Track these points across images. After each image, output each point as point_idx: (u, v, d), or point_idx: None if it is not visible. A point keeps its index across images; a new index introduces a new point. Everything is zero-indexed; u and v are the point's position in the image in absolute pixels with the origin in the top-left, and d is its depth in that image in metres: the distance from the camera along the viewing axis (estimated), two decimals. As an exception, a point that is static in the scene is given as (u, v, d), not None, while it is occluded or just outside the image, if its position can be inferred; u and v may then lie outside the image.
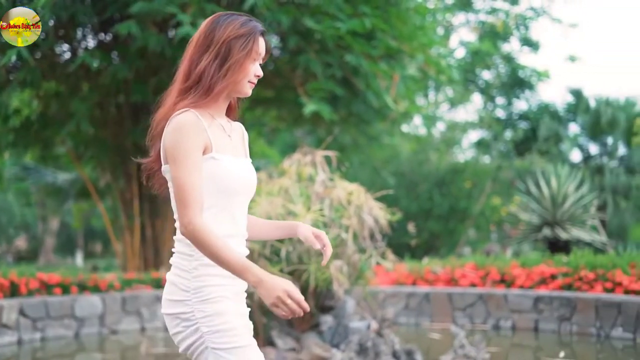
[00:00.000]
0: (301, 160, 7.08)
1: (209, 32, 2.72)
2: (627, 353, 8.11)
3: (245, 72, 2.73)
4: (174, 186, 2.59)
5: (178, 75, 2.77)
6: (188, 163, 2.58)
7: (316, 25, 10.78)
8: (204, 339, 2.61)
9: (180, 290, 2.65)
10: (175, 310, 2.66)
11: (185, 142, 2.58)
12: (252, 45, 2.72)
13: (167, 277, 2.72)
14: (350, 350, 6.61)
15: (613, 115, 29.34)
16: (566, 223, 14.95)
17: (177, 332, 2.67)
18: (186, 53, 2.77)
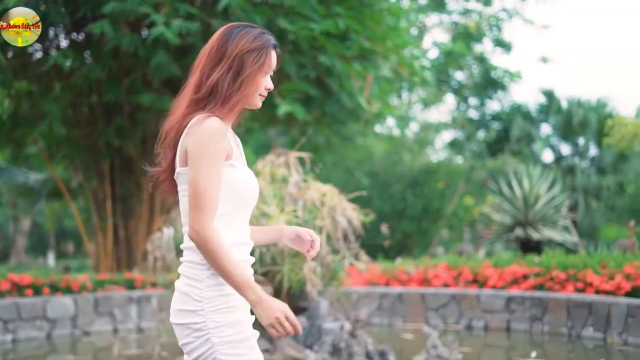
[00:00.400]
0: (275, 162, 7.08)
1: (222, 45, 2.72)
2: (598, 353, 8.19)
3: (257, 86, 2.74)
4: (191, 189, 2.58)
5: (188, 86, 2.76)
6: (211, 169, 2.57)
7: (290, 25, 10.79)
8: (213, 350, 2.60)
9: (193, 300, 2.62)
10: (187, 321, 2.63)
11: (212, 148, 2.58)
12: (265, 58, 2.73)
13: (177, 287, 2.69)
14: (323, 351, 6.63)
15: (584, 116, 29.57)
16: (538, 223, 15.06)
17: (188, 342, 2.65)
18: (197, 64, 2.77)
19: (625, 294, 9.20)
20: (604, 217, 27.81)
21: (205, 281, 2.62)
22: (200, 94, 2.70)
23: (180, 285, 2.68)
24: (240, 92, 2.70)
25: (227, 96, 2.69)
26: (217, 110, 2.70)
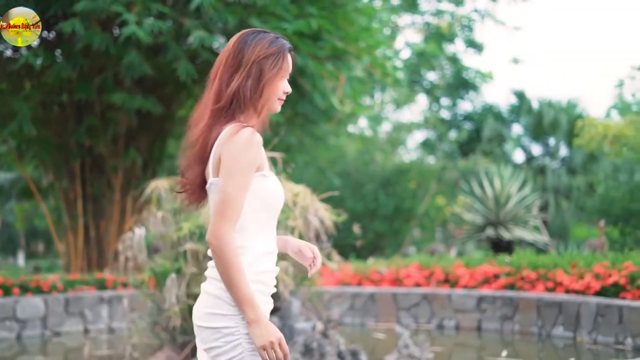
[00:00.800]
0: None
1: (238, 52, 2.73)
2: (568, 352, 8.26)
3: (277, 90, 2.75)
4: (219, 196, 2.59)
5: (208, 96, 2.76)
6: (241, 179, 2.58)
7: (263, 25, 10.77)
8: (243, 356, 2.59)
9: (227, 305, 2.61)
10: (219, 325, 2.61)
11: (245, 157, 2.59)
12: (282, 63, 2.73)
13: (208, 290, 2.67)
14: (295, 351, 6.63)
15: (555, 117, 29.80)
16: (509, 223, 15.14)
17: (215, 346, 2.62)
18: (214, 73, 2.77)
19: (594, 293, 9.29)
20: (574, 217, 28.03)
21: None
22: (221, 103, 2.70)
23: (211, 289, 2.66)
24: (262, 98, 2.72)
25: (251, 104, 2.71)
26: (246, 119, 2.73)
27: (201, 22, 10.94)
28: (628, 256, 10.00)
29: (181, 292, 6.30)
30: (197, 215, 6.49)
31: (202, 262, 6.36)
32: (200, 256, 6.38)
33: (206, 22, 11.09)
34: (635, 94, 29.34)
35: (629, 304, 8.38)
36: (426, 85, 28.83)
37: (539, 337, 9.10)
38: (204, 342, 2.66)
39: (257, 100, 2.71)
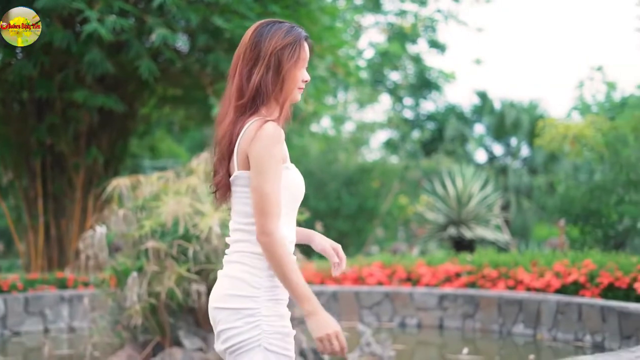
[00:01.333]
0: (209, 159, 7.05)
1: (254, 45, 2.75)
2: (528, 349, 8.34)
3: (296, 80, 2.78)
4: (257, 195, 2.62)
5: (230, 92, 2.79)
6: (274, 173, 2.62)
7: (225, 24, 10.75)
8: (261, 337, 2.64)
9: (251, 287, 2.67)
10: (241, 306, 2.66)
11: (273, 152, 2.62)
12: (300, 52, 2.77)
13: (230, 274, 2.72)
14: (257, 349, 6.62)
15: (517, 117, 30.06)
16: (471, 222, 15.26)
17: (233, 327, 2.66)
18: (233, 68, 2.79)
19: (554, 291, 9.39)
20: (536, 216, 28.28)
21: (266, 271, 2.68)
22: (245, 98, 2.73)
23: (234, 272, 2.71)
24: (284, 90, 2.75)
25: (273, 96, 2.75)
26: (268, 111, 2.77)
27: (164, 20, 10.89)
28: (587, 254, 10.13)
29: (142, 290, 6.27)
30: (159, 213, 6.46)
31: (163, 260, 6.33)
32: (162, 254, 6.35)
33: (169, 20, 11.04)
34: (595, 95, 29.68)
35: (588, 301, 8.48)
36: (389, 85, 28.94)
37: (499, 335, 9.18)
38: (219, 325, 2.70)
39: (279, 92, 2.75)
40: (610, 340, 7.95)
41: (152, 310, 6.53)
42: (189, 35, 12.28)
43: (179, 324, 6.68)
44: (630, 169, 14.67)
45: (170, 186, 6.79)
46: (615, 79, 37.39)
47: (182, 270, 6.27)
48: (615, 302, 8.34)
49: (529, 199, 28.37)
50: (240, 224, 2.75)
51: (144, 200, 6.79)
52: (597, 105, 27.31)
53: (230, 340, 2.67)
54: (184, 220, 6.27)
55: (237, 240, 2.75)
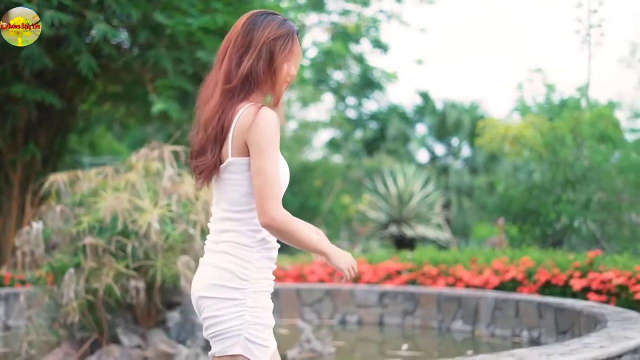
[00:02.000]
0: (149, 155, 7.00)
1: (247, 33, 2.79)
2: (466, 345, 8.43)
3: (285, 73, 2.83)
4: (260, 179, 2.66)
5: (217, 76, 2.82)
6: (274, 158, 2.67)
7: (167, 20, 10.67)
8: (242, 327, 2.70)
9: (239, 279, 2.72)
10: (226, 296, 2.71)
11: (273, 136, 2.67)
12: (291, 45, 2.82)
13: (217, 264, 2.75)
14: (196, 346, 6.60)
15: (458, 118, 30.39)
16: (412, 221, 15.38)
17: (216, 315, 2.71)
18: (222, 52, 2.83)
19: (493, 288, 9.51)
20: (476, 215, 28.62)
21: (255, 263, 2.75)
22: (233, 83, 2.76)
23: (221, 262, 2.74)
24: (274, 80, 2.80)
25: (265, 86, 2.80)
26: (256, 99, 2.81)
27: (104, 15, 10.76)
28: (525, 252, 10.28)
29: (80, 287, 6.20)
30: (97, 209, 6.38)
31: (101, 256, 6.26)
32: (100, 250, 6.28)
33: (109, 16, 10.92)
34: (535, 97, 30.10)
35: (525, 298, 8.61)
36: (332, 84, 28.98)
37: (439, 331, 9.26)
38: (203, 313, 2.76)
39: (269, 82, 2.80)
40: (547, 336, 8.07)
41: (90, 307, 6.46)
42: (129, 31, 12.16)
43: (117, 321, 6.62)
44: (567, 169, 14.90)
45: (109, 182, 6.73)
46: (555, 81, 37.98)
47: (120, 267, 6.21)
48: (552, 298, 8.48)
49: (469, 198, 28.69)
50: (228, 212, 2.77)
51: (82, 196, 6.71)
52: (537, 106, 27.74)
53: (212, 327, 2.73)
54: (122, 216, 6.21)
55: (225, 230, 2.77)
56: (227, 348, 2.72)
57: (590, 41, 17.89)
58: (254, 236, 2.77)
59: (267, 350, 2.76)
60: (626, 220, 14.66)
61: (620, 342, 5.28)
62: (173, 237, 6.31)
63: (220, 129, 2.74)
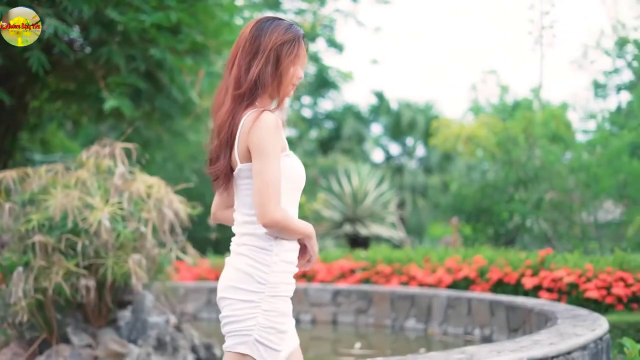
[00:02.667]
0: (100, 152, 6.92)
1: (254, 39, 2.90)
2: (419, 343, 8.47)
3: (291, 76, 2.93)
4: (259, 181, 2.75)
5: (228, 82, 2.93)
6: (275, 160, 2.75)
7: (119, 16, 10.54)
8: (255, 328, 2.79)
9: (256, 282, 2.81)
10: (244, 298, 2.81)
11: (273, 140, 2.76)
12: (298, 49, 2.93)
13: (237, 266, 2.86)
14: (148, 345, 6.54)
15: (413, 118, 30.54)
16: (366, 220, 15.41)
17: (232, 314, 2.82)
18: (231, 58, 2.94)
19: (446, 286, 9.57)
20: (430, 214, 28.79)
21: (273, 267, 2.84)
22: (242, 89, 2.86)
23: (241, 265, 2.85)
24: (280, 84, 2.91)
25: (271, 89, 2.90)
26: (262, 103, 2.90)
27: (55, 11, 10.61)
28: (478, 250, 10.37)
29: (29, 286, 6.09)
30: (47, 207, 6.29)
31: (51, 255, 6.17)
32: (50, 248, 6.19)
33: (60, 12, 10.77)
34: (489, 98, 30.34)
35: (477, 296, 8.67)
36: (287, 83, 28.98)
37: (392, 330, 9.29)
38: (223, 311, 2.88)
39: (275, 86, 2.90)
40: (499, 333, 8.14)
41: (39, 307, 6.36)
42: (81, 28, 12.01)
43: (67, 320, 6.53)
44: (520, 169, 15.06)
45: (59, 179, 6.62)
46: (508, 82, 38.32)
47: (70, 265, 6.13)
48: (504, 296, 8.55)
49: (424, 198, 28.85)
50: (246, 215, 2.88)
51: (31, 194, 6.60)
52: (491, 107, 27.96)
53: (228, 326, 2.84)
54: (72, 214, 6.12)
55: (245, 233, 2.89)
56: (236, 345, 2.81)
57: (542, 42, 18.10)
58: (270, 239, 2.85)
59: (277, 354, 2.83)
60: (577, 219, 14.84)
61: (569, 339, 5.34)
62: (124, 235, 6.24)
63: (230, 135, 2.86)
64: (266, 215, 2.73)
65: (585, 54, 24.62)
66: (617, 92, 22.58)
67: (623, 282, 8.34)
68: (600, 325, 6.01)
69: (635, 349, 6.60)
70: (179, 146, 18.04)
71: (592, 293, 8.25)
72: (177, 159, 19.43)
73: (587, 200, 14.64)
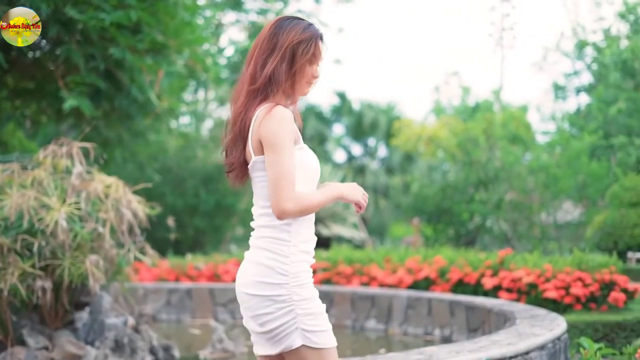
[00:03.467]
0: (57, 152, 6.83)
1: (272, 36, 2.96)
2: (379, 343, 8.48)
3: (307, 75, 2.99)
4: (272, 173, 2.80)
5: (245, 77, 3.00)
6: (287, 151, 2.80)
7: (79, 15, 10.43)
8: (296, 321, 2.82)
9: (278, 274, 2.84)
10: (271, 293, 2.83)
11: (285, 132, 2.81)
12: (314, 49, 2.98)
13: (257, 260, 2.89)
14: (105, 347, 6.47)
15: (375, 118, 30.60)
16: (328, 220, 15.41)
17: (267, 312, 2.84)
18: (250, 55, 3.00)
19: (407, 287, 9.59)
20: (392, 215, 28.88)
21: (291, 257, 2.87)
22: (257, 84, 2.93)
23: (261, 258, 2.88)
24: (294, 82, 2.96)
25: (285, 86, 2.94)
26: (276, 99, 2.94)
27: (11, 8, 10.47)
28: (439, 251, 10.40)
29: (-17, 287, 6.00)
30: (2, 206, 6.20)
31: (6, 255, 6.07)
32: (5, 249, 6.09)
33: (18, 9, 10.63)
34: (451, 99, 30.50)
35: (437, 296, 8.71)
36: (250, 83, 28.89)
37: (352, 330, 9.29)
38: (252, 310, 2.89)
39: (290, 84, 2.96)
40: (458, 333, 8.17)
41: (-9, 308, 6.27)
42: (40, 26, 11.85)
43: (23, 322, 6.44)
44: (480, 169, 15.14)
45: (15, 179, 6.53)
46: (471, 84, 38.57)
47: (26, 266, 6.04)
48: (463, 296, 8.59)
49: (385, 198, 28.92)
50: (263, 207, 2.92)
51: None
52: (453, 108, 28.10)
53: (268, 325, 2.85)
54: (28, 214, 6.03)
55: (262, 226, 2.93)
56: (290, 344, 2.85)
57: (502, 44, 18.23)
58: (288, 229, 2.89)
59: (327, 333, 2.88)
60: (537, 220, 14.97)
61: (527, 339, 5.37)
62: (81, 236, 6.16)
63: (243, 128, 2.93)
64: (279, 207, 2.78)
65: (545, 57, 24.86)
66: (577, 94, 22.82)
67: (581, 282, 8.42)
68: (558, 325, 6.06)
69: (593, 348, 6.66)
70: (139, 146, 17.92)
71: (550, 293, 8.32)
72: (138, 159, 19.31)
73: (546, 200, 14.77)
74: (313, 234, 3.00)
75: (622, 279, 8.48)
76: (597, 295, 8.39)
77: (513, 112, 19.00)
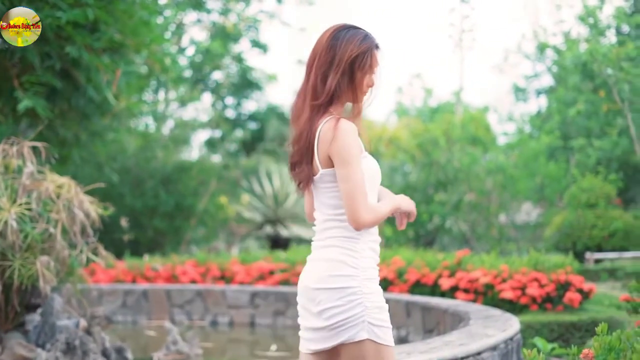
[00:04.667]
0: (8, 151, 6.72)
1: (330, 48, 3.02)
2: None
3: (364, 86, 3.06)
4: (347, 186, 2.88)
5: (306, 89, 3.06)
6: (357, 163, 2.90)
7: (36, 12, 10.30)
8: (364, 313, 2.85)
9: (349, 267, 2.91)
10: (343, 285, 2.89)
11: (354, 145, 2.90)
12: (371, 61, 3.05)
13: (328, 257, 2.95)
14: (56, 349, 6.38)
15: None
16: (287, 221, 15.38)
17: (335, 305, 2.88)
18: (309, 65, 3.07)
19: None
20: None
21: (362, 252, 2.95)
22: (320, 100, 3.00)
23: (331, 255, 2.94)
24: (354, 94, 3.04)
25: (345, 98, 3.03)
26: (337, 111, 3.02)
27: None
28: (397, 251, 10.41)
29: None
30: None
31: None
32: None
33: (-28, 7, 10.48)
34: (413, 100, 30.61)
35: (394, 297, 8.71)
36: (211, 84, 28.76)
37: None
38: (321, 304, 2.91)
39: (350, 94, 3.03)
40: (414, 334, 8.18)
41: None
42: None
43: (-28, 325, 6.33)
44: (440, 170, 15.20)
45: (-35, 179, 6.42)
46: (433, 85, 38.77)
47: (-25, 268, 5.94)
48: (420, 297, 8.60)
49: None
50: (330, 215, 3.01)
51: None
52: (415, 109, 28.19)
53: (334, 317, 2.88)
54: (-23, 215, 5.93)
55: (329, 228, 3.00)
56: (354, 335, 2.87)
57: (462, 46, 18.32)
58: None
59: (390, 330, 2.94)
60: (495, 220, 15.06)
61: (480, 339, 5.38)
62: (32, 236, 6.07)
63: (308, 143, 2.99)
64: (357, 219, 2.87)
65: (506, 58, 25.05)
66: (537, 96, 23.00)
67: (537, 283, 8.47)
68: (511, 326, 6.08)
69: (547, 348, 6.70)
70: (98, 146, 17.76)
71: (507, 294, 8.35)
72: (96, 159, 19.13)
73: (504, 201, 14.87)
74: (378, 234, 3.08)
75: (577, 280, 8.55)
76: (552, 295, 8.44)
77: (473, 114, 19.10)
